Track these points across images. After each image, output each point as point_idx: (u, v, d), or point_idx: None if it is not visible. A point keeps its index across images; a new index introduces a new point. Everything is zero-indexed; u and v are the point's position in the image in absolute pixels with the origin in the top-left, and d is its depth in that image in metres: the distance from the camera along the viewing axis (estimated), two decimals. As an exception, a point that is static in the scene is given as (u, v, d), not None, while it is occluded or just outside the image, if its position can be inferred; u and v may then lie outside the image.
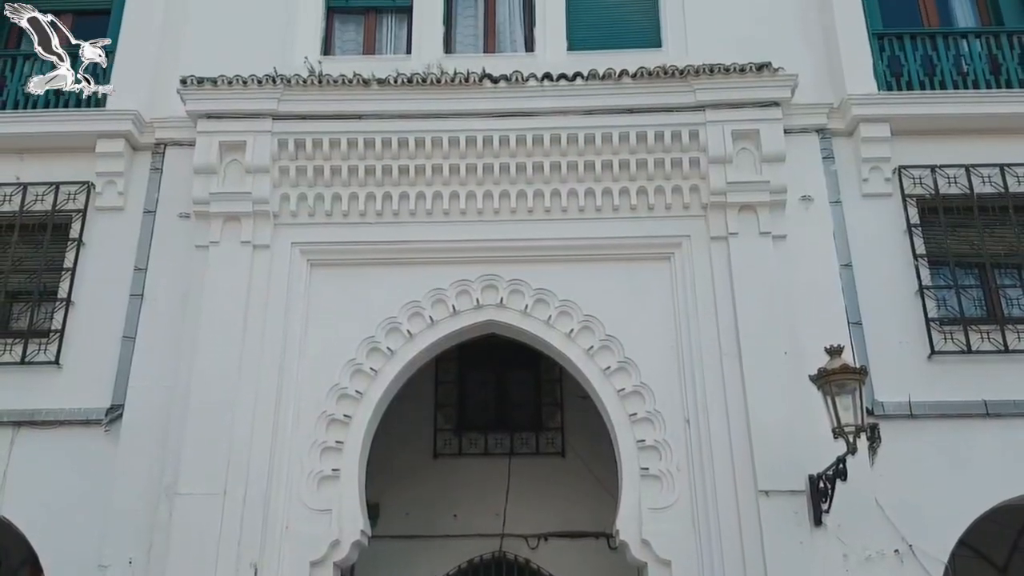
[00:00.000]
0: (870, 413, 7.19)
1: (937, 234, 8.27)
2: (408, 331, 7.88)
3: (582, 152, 8.14)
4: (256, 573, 7.10)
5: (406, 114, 8.24)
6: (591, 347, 7.77)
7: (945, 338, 7.86)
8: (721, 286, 7.80)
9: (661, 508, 7.25)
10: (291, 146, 8.19)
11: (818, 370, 6.67)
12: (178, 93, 8.35)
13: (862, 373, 6.66)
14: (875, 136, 8.42)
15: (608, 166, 8.14)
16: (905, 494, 7.30)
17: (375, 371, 7.76)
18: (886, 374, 7.68)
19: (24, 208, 8.59)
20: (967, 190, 8.33)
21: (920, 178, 8.38)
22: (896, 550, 7.16)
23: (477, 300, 7.96)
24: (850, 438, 6.49)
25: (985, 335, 7.87)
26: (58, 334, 8.12)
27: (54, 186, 8.63)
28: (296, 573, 7.18)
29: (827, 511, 7.03)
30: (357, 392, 7.69)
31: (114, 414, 7.78)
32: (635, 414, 7.53)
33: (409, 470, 10.17)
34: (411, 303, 7.93)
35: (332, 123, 8.24)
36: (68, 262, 8.42)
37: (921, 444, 7.47)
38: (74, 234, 8.52)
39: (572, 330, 7.83)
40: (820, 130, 8.55)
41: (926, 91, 8.68)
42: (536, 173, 8.17)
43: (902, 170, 8.40)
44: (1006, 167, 8.40)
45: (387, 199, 8.22)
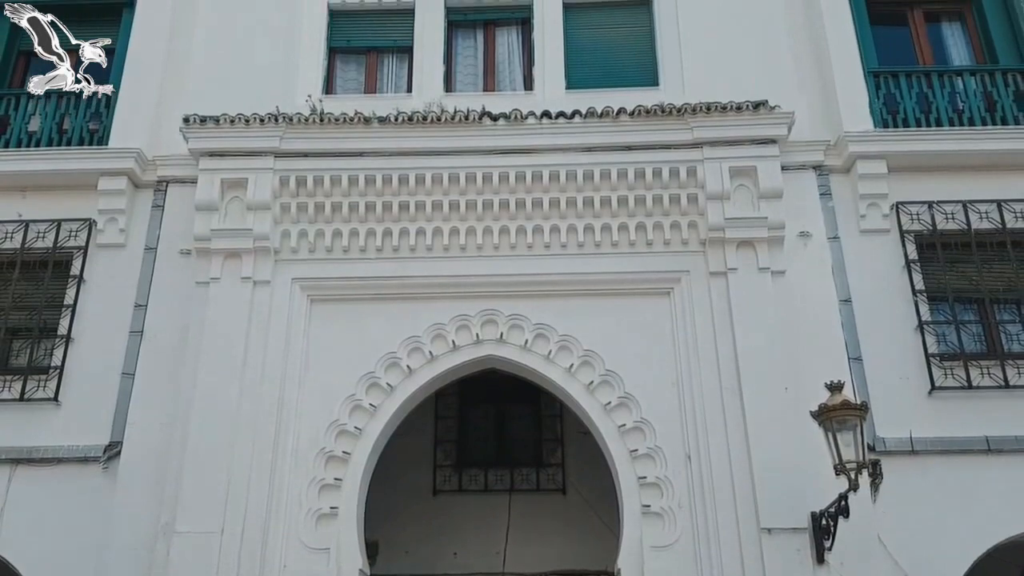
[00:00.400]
0: (871, 449, 7.16)
1: (936, 270, 8.29)
2: (408, 366, 7.86)
3: (581, 188, 8.20)
4: (254, 613, 7.01)
5: (407, 151, 8.31)
6: (591, 382, 7.76)
7: (946, 374, 7.85)
8: (721, 321, 7.81)
9: (663, 546, 7.19)
10: (292, 183, 8.25)
11: (819, 406, 6.65)
12: (180, 132, 8.41)
13: (863, 409, 6.63)
14: (872, 173, 8.48)
15: (607, 202, 8.19)
16: (908, 531, 7.25)
17: (374, 407, 7.73)
18: (887, 410, 7.66)
19: (25, 245, 8.62)
20: (965, 226, 8.38)
21: (918, 214, 8.42)
22: (899, 588, 7.11)
23: (477, 335, 7.96)
24: (852, 475, 6.45)
25: (985, 370, 7.87)
26: (57, 371, 8.11)
27: (56, 223, 8.67)
28: (294, 612, 7.10)
29: (830, 549, 6.96)
30: (356, 428, 7.66)
31: (112, 452, 7.74)
32: (636, 450, 7.50)
33: (408, 507, 10.08)
34: (411, 338, 7.92)
35: (333, 160, 8.30)
36: (68, 299, 8.42)
37: (923, 480, 7.43)
38: (75, 271, 8.54)
39: (572, 365, 7.82)
40: (817, 167, 8.62)
41: (922, 128, 8.75)
42: (535, 209, 8.23)
43: (900, 206, 8.45)
44: (1003, 203, 8.45)
45: (387, 235, 8.26)
